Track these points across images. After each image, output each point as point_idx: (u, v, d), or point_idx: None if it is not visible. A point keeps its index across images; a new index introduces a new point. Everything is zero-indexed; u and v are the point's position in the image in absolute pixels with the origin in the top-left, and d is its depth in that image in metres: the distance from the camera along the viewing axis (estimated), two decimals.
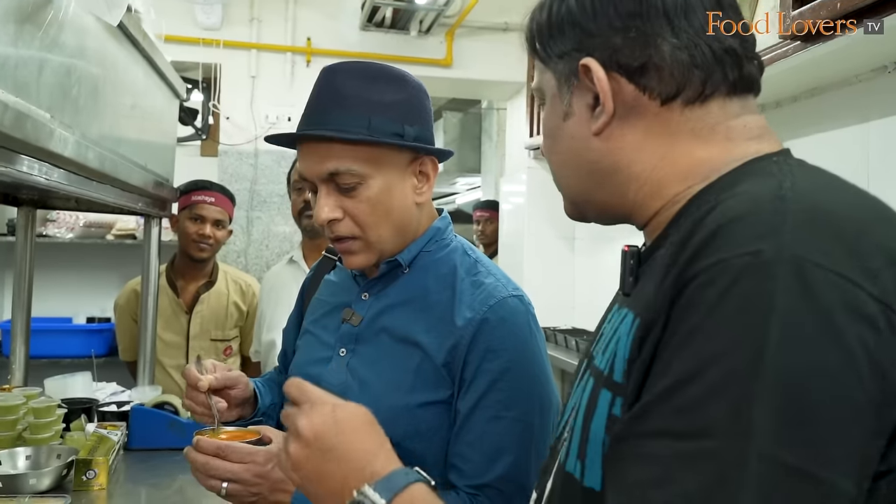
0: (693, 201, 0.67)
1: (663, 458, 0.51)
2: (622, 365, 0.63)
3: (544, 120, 0.79)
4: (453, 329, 1.11)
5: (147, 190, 2.15)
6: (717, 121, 0.69)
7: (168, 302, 2.71)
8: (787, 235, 0.52)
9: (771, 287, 0.50)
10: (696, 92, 0.68)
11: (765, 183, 0.60)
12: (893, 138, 1.87)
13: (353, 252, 1.16)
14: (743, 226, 0.54)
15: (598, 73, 0.69)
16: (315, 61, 3.96)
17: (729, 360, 0.50)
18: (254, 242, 3.89)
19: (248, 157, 3.88)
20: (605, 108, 0.70)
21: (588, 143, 0.72)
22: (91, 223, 3.56)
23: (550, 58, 0.75)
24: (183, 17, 3.70)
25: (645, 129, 0.70)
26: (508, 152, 4.59)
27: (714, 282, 0.52)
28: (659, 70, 0.68)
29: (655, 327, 0.57)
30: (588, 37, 0.70)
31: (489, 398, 1.09)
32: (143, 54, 2.01)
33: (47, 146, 1.27)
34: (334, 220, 1.13)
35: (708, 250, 0.54)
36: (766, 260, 0.51)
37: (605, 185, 0.74)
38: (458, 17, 3.95)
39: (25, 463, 1.65)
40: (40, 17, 1.25)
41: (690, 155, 0.68)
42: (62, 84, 1.38)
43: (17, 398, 1.82)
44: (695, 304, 0.53)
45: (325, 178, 1.12)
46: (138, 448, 1.96)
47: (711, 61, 0.68)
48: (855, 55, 1.71)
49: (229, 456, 1.04)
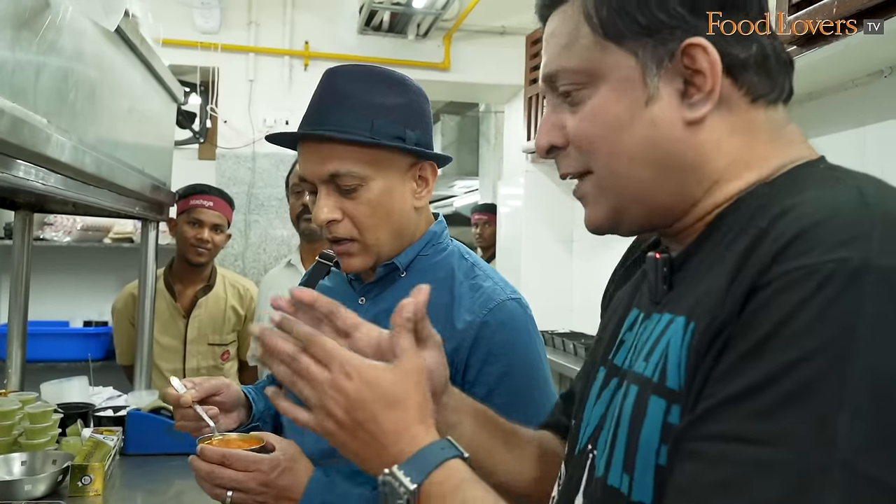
0: (738, 204, 0.65)
1: (734, 463, 0.49)
2: (676, 371, 0.59)
3: (600, 107, 0.68)
4: (453, 332, 1.12)
5: (144, 194, 2.15)
6: (784, 123, 0.68)
7: (165, 306, 2.70)
8: (875, 243, 0.50)
9: (858, 294, 0.48)
10: (779, 92, 0.67)
11: (840, 189, 0.57)
12: (889, 142, 1.87)
13: (350, 254, 1.16)
14: (827, 231, 0.52)
15: (712, 55, 0.63)
16: (313, 65, 3.96)
17: (811, 367, 0.48)
18: (251, 246, 3.89)
19: (246, 161, 3.88)
20: (711, 96, 0.64)
21: (675, 133, 0.66)
22: (88, 227, 3.55)
23: (632, 34, 0.66)
24: (181, 21, 3.71)
25: (732, 124, 0.66)
26: (506, 155, 4.59)
27: (796, 287, 0.50)
28: (759, 66, 0.65)
29: (723, 332, 0.54)
30: (696, 16, 0.64)
31: (491, 402, 1.07)
32: (140, 58, 2.01)
33: (44, 151, 1.27)
34: (333, 222, 1.13)
35: (788, 254, 0.52)
36: (854, 268, 0.49)
37: (676, 180, 0.67)
38: (456, 21, 3.95)
39: (21, 468, 1.64)
40: (37, 21, 1.25)
41: (762, 156, 0.66)
42: (59, 89, 1.38)
43: (13, 403, 1.81)
44: (772, 309, 0.51)
45: (325, 179, 1.12)
46: (135, 453, 1.96)
47: (788, 61, 0.67)
48: (851, 60, 1.72)
49: (234, 464, 1.03)
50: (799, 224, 0.53)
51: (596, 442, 0.70)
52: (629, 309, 0.76)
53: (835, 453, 0.45)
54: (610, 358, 0.75)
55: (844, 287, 0.48)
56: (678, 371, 0.59)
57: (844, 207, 0.54)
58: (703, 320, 0.57)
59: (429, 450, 0.68)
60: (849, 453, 0.45)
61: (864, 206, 0.53)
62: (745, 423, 0.49)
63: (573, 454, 0.75)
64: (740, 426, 0.49)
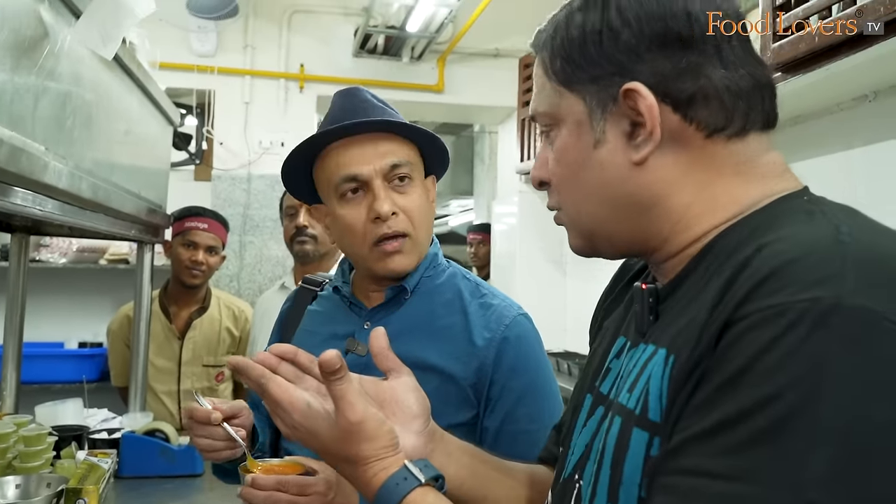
0: (723, 237, 0.64)
1: (704, 497, 0.50)
2: (657, 403, 0.60)
3: (562, 149, 0.71)
4: (475, 350, 1.15)
5: (140, 217, 2.17)
6: (754, 156, 0.66)
7: (160, 327, 2.71)
8: (850, 283, 0.50)
9: (828, 334, 0.48)
10: (740, 124, 0.65)
11: (816, 225, 0.57)
12: (876, 165, 1.90)
13: (401, 252, 1.18)
14: (801, 269, 0.52)
15: (647, 98, 0.64)
16: (308, 87, 4.00)
17: (781, 405, 0.48)
18: (246, 267, 3.90)
19: (242, 182, 3.90)
20: (652, 137, 0.65)
21: (624, 174, 0.67)
22: (84, 248, 3.56)
23: (578, 81, 0.68)
24: (178, 44, 3.74)
25: (687, 161, 0.66)
26: (500, 175, 4.63)
27: (768, 324, 0.50)
28: (707, 101, 0.64)
29: (700, 365, 0.55)
30: (633, 61, 0.65)
31: (517, 413, 1.14)
32: (137, 83, 2.04)
33: (42, 179, 1.29)
34: (395, 214, 1.16)
35: (762, 292, 0.52)
36: (826, 308, 0.49)
37: (635, 218, 0.69)
38: (450, 44, 4.00)
39: (15, 492, 1.64)
40: (36, 51, 1.27)
41: (730, 192, 0.66)
42: (57, 116, 1.40)
43: (7, 426, 1.82)
44: (744, 345, 0.51)
45: (385, 171, 1.16)
46: (129, 476, 1.96)
47: (754, 92, 0.65)
48: (835, 86, 1.75)
49: (290, 490, 1.00)
50: (774, 261, 0.53)
51: (582, 471, 0.71)
52: (616, 336, 0.77)
53: (802, 492, 0.46)
54: (597, 385, 0.76)
55: (814, 326, 0.49)
56: (659, 403, 0.60)
57: (819, 245, 0.54)
58: (682, 353, 0.58)
59: (385, 488, 0.70)
60: (815, 493, 0.46)
61: (838, 244, 0.53)
62: (716, 458, 0.50)
63: (559, 482, 0.76)
64: (711, 461, 0.50)
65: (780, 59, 1.55)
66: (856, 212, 0.61)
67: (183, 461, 2.00)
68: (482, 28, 3.80)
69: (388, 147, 1.17)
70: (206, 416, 1.15)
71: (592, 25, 0.67)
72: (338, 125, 1.15)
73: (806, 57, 1.50)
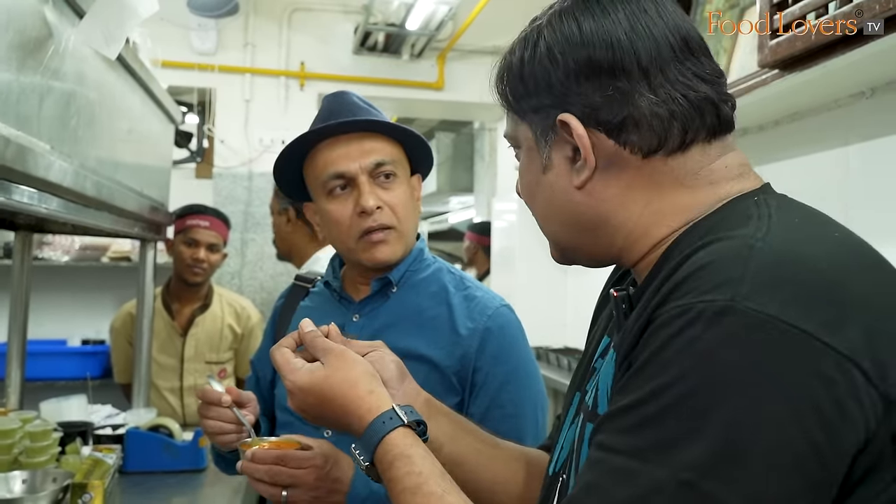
0: (676, 244, 0.67)
1: (603, 468, 0.57)
2: (605, 398, 0.66)
3: (521, 170, 0.78)
4: (459, 339, 1.21)
5: (143, 215, 2.18)
6: (699, 166, 0.68)
7: (163, 324, 2.73)
8: (746, 287, 0.54)
9: (717, 333, 0.53)
10: (677, 143, 0.67)
11: (748, 229, 0.60)
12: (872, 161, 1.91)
13: (387, 242, 1.24)
14: (708, 273, 0.56)
15: (577, 129, 0.68)
16: (309, 85, 4.01)
17: (669, 395, 0.54)
18: (248, 264, 3.92)
19: (243, 180, 3.92)
20: (586, 163, 0.68)
21: (570, 196, 0.71)
22: (87, 246, 3.58)
23: (525, 111, 0.74)
24: (179, 43, 3.75)
25: (628, 181, 0.69)
26: (500, 172, 4.64)
27: (670, 324, 0.56)
28: (638, 126, 0.67)
29: (627, 358, 0.61)
30: (564, 93, 0.69)
31: (501, 398, 1.20)
32: (139, 82, 2.05)
33: (47, 177, 1.30)
34: (379, 209, 1.22)
35: (674, 295, 0.57)
36: (719, 308, 0.53)
37: (590, 235, 0.73)
38: (450, 42, 4.01)
39: (21, 487, 1.66)
40: (41, 51, 1.29)
41: (675, 202, 0.68)
42: (62, 115, 1.42)
43: (13, 422, 1.83)
44: (652, 341, 0.57)
45: (370, 168, 1.22)
46: (134, 471, 1.98)
47: (689, 111, 0.67)
48: (832, 82, 1.76)
49: (289, 463, 1.04)
50: (692, 266, 0.58)
51: (564, 467, 0.75)
52: (603, 336, 0.81)
53: (678, 472, 0.52)
54: (584, 385, 0.79)
55: (706, 327, 0.53)
56: (606, 397, 0.66)
57: (730, 251, 0.58)
58: (619, 350, 0.64)
59: (372, 427, 0.78)
60: (689, 474, 0.51)
61: (748, 249, 0.57)
62: (617, 436, 0.57)
63: (548, 475, 0.80)
64: (614, 438, 0.57)
65: (777, 57, 1.56)
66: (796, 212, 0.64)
67: (187, 456, 2.01)
68: (482, 25, 3.81)
69: (373, 145, 1.23)
70: (217, 398, 1.20)
71: (529, 62, 0.71)
72: (324, 125, 1.22)
73: (803, 54, 1.51)
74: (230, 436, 1.20)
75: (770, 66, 1.62)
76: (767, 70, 1.64)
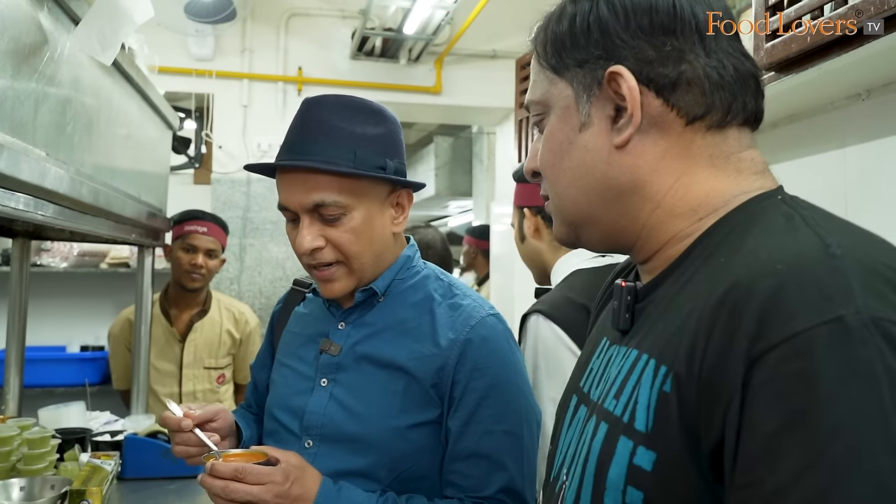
0: (703, 240, 0.66)
1: None
2: (645, 413, 0.60)
3: (550, 134, 0.74)
4: (438, 351, 1.16)
5: (140, 221, 2.18)
6: (732, 150, 0.68)
7: (161, 330, 2.72)
8: (859, 298, 0.50)
9: (867, 354, 0.48)
10: (720, 116, 0.67)
11: (800, 235, 0.58)
12: (870, 162, 1.92)
13: (333, 280, 1.19)
14: (807, 290, 0.52)
15: (629, 81, 0.66)
16: (306, 90, 4.01)
17: (854, 435, 0.47)
18: (247, 269, 3.92)
19: (241, 185, 3.92)
20: (632, 120, 0.67)
21: (607, 157, 0.69)
22: (85, 252, 3.58)
23: (567, 66, 0.71)
24: (176, 49, 3.76)
25: (665, 147, 0.68)
26: (498, 176, 4.64)
27: (802, 356, 0.50)
28: (690, 87, 0.66)
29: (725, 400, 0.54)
30: (619, 46, 0.67)
31: (480, 414, 1.14)
32: (136, 89, 2.06)
33: (43, 184, 1.31)
34: (317, 249, 1.16)
35: (777, 319, 0.52)
36: (852, 326, 0.49)
37: (617, 204, 0.70)
38: (447, 46, 4.01)
39: (20, 494, 1.65)
40: (37, 57, 1.29)
41: (704, 183, 0.67)
42: (58, 122, 1.42)
43: (11, 429, 1.83)
44: (786, 382, 0.50)
45: (309, 208, 1.15)
46: (132, 477, 1.97)
47: (736, 84, 0.67)
48: (828, 84, 1.76)
49: (247, 478, 1.02)
50: (776, 281, 0.53)
51: (568, 473, 0.72)
52: (601, 336, 0.79)
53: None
54: (581, 385, 0.77)
55: (851, 348, 0.49)
56: (646, 413, 0.60)
57: (815, 260, 0.54)
58: (678, 368, 0.58)
59: None
60: None
61: (833, 258, 0.53)
62: None
63: (549, 480, 0.78)
64: None
65: (773, 59, 1.56)
66: (829, 215, 0.63)
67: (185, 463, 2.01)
68: (479, 30, 3.81)
69: (318, 183, 1.14)
70: (176, 424, 1.18)
71: (582, 14, 0.70)
72: (268, 164, 1.19)
73: (798, 56, 1.52)
74: (197, 458, 1.18)
75: (766, 69, 1.62)
76: (764, 72, 1.64)
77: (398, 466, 1.15)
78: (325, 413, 1.19)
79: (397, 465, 1.15)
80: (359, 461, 1.15)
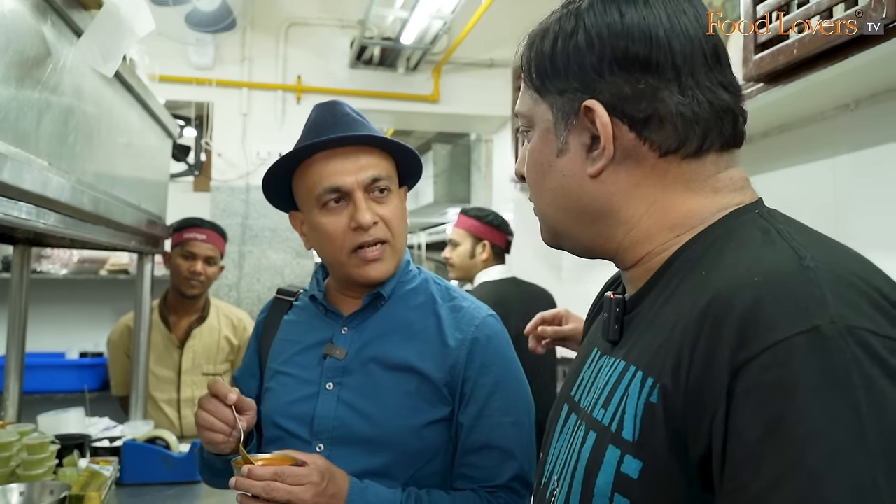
0: (682, 252, 0.67)
1: None
2: (632, 423, 0.62)
3: (532, 150, 0.76)
4: (448, 350, 1.22)
5: (140, 229, 2.21)
6: (709, 174, 0.69)
7: (160, 337, 2.74)
8: (832, 307, 0.52)
9: (843, 362, 0.50)
10: (695, 147, 0.68)
11: (776, 248, 0.59)
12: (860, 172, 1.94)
13: (382, 259, 1.24)
14: (784, 302, 0.54)
15: (602, 117, 0.68)
16: (305, 98, 4.04)
17: (829, 441, 0.49)
18: (245, 276, 3.94)
19: (240, 193, 3.95)
20: (605, 152, 0.68)
21: (581, 183, 0.71)
22: (85, 259, 3.60)
23: (549, 91, 0.73)
24: (176, 57, 3.79)
25: (640, 177, 0.69)
26: (496, 183, 4.67)
27: (781, 365, 0.51)
28: (662, 123, 0.67)
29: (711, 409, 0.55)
30: (595, 80, 0.68)
31: (489, 408, 1.21)
32: (137, 98, 2.08)
33: (45, 193, 1.33)
34: (375, 223, 1.22)
35: (756, 330, 0.54)
36: (828, 335, 0.51)
37: (592, 226, 0.73)
38: (445, 55, 4.05)
39: (19, 499, 1.67)
40: (40, 69, 1.31)
41: (682, 205, 0.69)
42: (60, 132, 1.44)
43: (10, 435, 1.85)
44: (767, 390, 0.52)
45: (367, 183, 1.22)
46: (131, 483, 1.99)
47: (711, 118, 0.68)
48: (816, 95, 1.79)
49: (286, 480, 1.04)
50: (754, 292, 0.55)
51: (558, 480, 0.74)
52: (592, 346, 0.81)
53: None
54: (572, 394, 0.79)
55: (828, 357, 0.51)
56: (633, 423, 0.62)
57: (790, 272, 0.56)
58: (665, 380, 0.60)
59: None
60: None
61: (807, 270, 0.55)
62: None
63: (539, 486, 0.80)
64: None
65: (761, 71, 1.59)
66: (800, 226, 0.65)
67: (183, 468, 2.03)
68: (476, 39, 3.85)
69: (369, 160, 1.22)
70: (223, 392, 1.16)
71: (563, 41, 0.71)
72: (325, 138, 1.20)
73: (785, 68, 1.55)
74: (218, 435, 1.15)
75: (755, 80, 1.65)
76: (752, 83, 1.67)
77: (414, 464, 1.19)
78: (335, 416, 1.21)
79: (413, 462, 1.19)
80: (374, 461, 1.18)
